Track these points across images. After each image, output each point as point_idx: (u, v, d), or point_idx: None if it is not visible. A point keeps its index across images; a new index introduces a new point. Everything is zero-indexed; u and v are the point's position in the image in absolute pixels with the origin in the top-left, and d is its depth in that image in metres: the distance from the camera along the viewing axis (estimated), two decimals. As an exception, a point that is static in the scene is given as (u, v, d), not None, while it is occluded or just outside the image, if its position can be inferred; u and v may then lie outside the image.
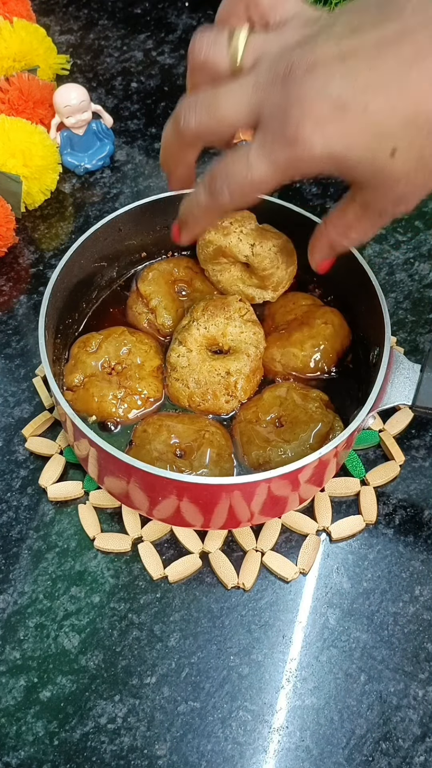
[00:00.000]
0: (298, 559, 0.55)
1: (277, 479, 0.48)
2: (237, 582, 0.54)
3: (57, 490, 0.58)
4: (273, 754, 0.48)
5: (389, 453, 0.60)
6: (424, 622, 0.53)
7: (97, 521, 0.57)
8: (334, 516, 0.57)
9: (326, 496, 0.58)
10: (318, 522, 0.57)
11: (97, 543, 0.55)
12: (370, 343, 0.58)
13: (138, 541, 0.56)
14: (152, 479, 0.48)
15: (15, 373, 0.65)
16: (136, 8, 0.99)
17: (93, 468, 0.55)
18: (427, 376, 0.53)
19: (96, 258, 0.62)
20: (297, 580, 0.55)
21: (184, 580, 0.54)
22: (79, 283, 0.61)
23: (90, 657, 0.51)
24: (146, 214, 0.63)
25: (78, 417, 0.50)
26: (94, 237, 0.60)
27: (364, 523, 0.57)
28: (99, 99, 0.88)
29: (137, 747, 0.48)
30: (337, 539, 0.56)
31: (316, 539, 0.56)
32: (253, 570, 0.54)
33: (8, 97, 0.77)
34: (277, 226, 0.63)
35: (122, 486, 0.53)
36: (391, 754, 0.48)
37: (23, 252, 0.74)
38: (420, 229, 0.76)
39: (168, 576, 0.54)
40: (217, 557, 0.55)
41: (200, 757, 0.48)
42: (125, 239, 0.64)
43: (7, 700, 0.50)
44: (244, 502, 0.51)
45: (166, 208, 0.62)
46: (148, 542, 0.56)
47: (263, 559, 0.55)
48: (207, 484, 0.48)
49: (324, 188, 0.79)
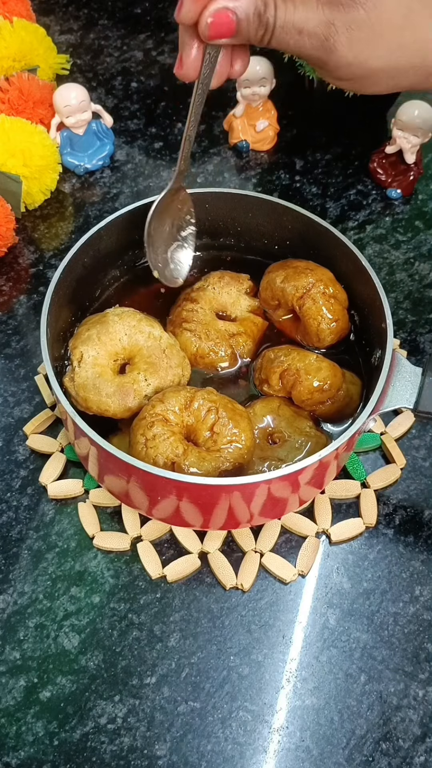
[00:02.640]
0: (297, 561, 0.55)
1: (278, 480, 0.48)
2: (235, 583, 0.54)
3: (57, 488, 0.58)
4: (273, 755, 0.48)
5: (390, 456, 0.60)
6: (424, 622, 0.53)
7: (97, 520, 0.57)
8: (333, 518, 0.57)
9: (326, 498, 0.58)
10: (318, 524, 0.57)
11: (97, 541, 0.55)
12: (373, 345, 0.58)
13: (137, 540, 0.56)
14: (152, 479, 0.48)
15: (15, 373, 0.65)
16: (136, 8, 0.99)
17: (93, 466, 0.55)
18: (429, 380, 0.53)
19: (99, 256, 0.62)
20: (296, 581, 0.55)
21: (183, 580, 0.54)
22: (82, 280, 0.61)
23: (90, 657, 0.51)
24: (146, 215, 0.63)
25: (78, 415, 0.50)
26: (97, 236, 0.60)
27: (363, 525, 0.57)
28: (99, 99, 0.88)
29: (137, 747, 0.48)
30: (337, 541, 0.56)
31: (316, 541, 0.56)
32: (251, 571, 0.54)
33: (8, 97, 0.77)
34: (278, 226, 0.63)
35: (122, 485, 0.53)
36: (391, 754, 0.48)
37: (23, 252, 0.74)
38: (420, 229, 0.76)
39: (167, 575, 0.54)
40: (216, 558, 0.55)
41: (200, 758, 0.48)
42: (125, 239, 0.64)
43: (7, 701, 0.50)
44: (243, 503, 0.51)
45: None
46: (147, 542, 0.56)
47: (262, 561, 0.55)
48: (207, 484, 0.48)
49: (324, 188, 0.79)
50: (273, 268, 0.63)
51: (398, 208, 0.77)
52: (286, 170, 0.81)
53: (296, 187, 0.79)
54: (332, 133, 0.84)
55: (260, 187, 0.79)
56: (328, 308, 0.59)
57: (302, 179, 0.80)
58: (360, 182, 0.80)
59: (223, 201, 0.65)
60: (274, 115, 0.81)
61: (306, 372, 0.56)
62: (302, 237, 0.63)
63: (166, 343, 0.57)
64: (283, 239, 0.65)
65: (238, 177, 0.80)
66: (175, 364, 0.57)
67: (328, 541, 0.56)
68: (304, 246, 0.64)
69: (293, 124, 0.84)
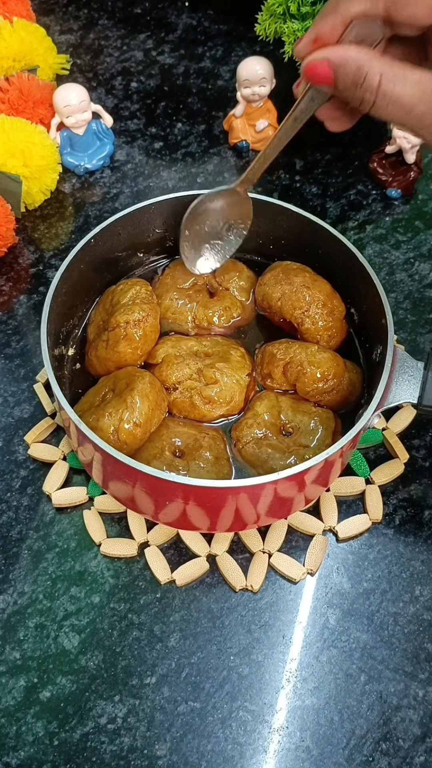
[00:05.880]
0: (306, 560, 0.55)
1: (284, 481, 0.48)
2: (245, 584, 0.54)
3: (61, 496, 0.57)
4: (273, 755, 0.48)
5: (393, 451, 0.60)
6: (424, 622, 0.53)
7: (103, 527, 0.56)
8: (339, 515, 0.57)
9: (332, 496, 0.58)
10: (324, 522, 0.56)
11: (104, 548, 0.55)
12: (373, 341, 0.58)
13: (144, 545, 0.55)
14: (158, 483, 0.48)
15: (15, 373, 0.65)
16: (136, 8, 0.98)
17: (97, 473, 0.55)
18: (431, 374, 0.53)
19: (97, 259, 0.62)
20: (300, 580, 0.55)
21: (192, 584, 0.54)
22: (79, 285, 0.61)
23: (90, 657, 0.51)
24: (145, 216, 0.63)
25: (82, 421, 0.50)
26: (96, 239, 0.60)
27: (370, 521, 0.57)
28: (99, 99, 0.88)
29: (137, 747, 0.48)
30: (344, 539, 0.56)
31: (324, 539, 0.56)
32: (261, 572, 0.54)
33: (8, 97, 0.77)
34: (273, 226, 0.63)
35: (127, 490, 0.52)
36: (392, 754, 0.48)
37: (23, 252, 0.74)
38: (420, 229, 0.76)
39: (176, 580, 0.54)
40: (225, 560, 0.55)
41: (200, 758, 0.48)
42: (126, 241, 0.64)
43: (7, 701, 0.50)
44: (250, 504, 0.51)
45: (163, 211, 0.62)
46: (154, 546, 0.55)
47: (270, 561, 0.55)
48: (213, 487, 0.48)
49: (324, 188, 0.79)
50: (268, 281, 0.62)
51: (398, 208, 0.77)
52: (286, 170, 0.81)
53: (296, 187, 0.79)
54: (332, 133, 0.84)
55: (260, 186, 0.79)
56: (326, 326, 0.59)
57: (302, 179, 0.80)
58: (360, 182, 0.80)
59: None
60: (274, 115, 0.81)
61: (309, 363, 0.56)
62: (298, 237, 0.63)
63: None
64: (278, 239, 0.65)
65: (238, 177, 0.80)
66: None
67: (335, 538, 0.56)
68: (300, 245, 0.64)
69: (293, 124, 0.84)
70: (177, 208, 0.61)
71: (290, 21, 0.71)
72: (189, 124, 0.85)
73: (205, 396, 0.56)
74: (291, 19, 0.71)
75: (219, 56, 0.92)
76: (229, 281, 0.64)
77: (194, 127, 0.85)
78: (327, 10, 0.43)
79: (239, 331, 0.63)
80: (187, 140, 0.84)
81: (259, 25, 0.74)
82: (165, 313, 0.62)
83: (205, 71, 0.91)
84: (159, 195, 0.63)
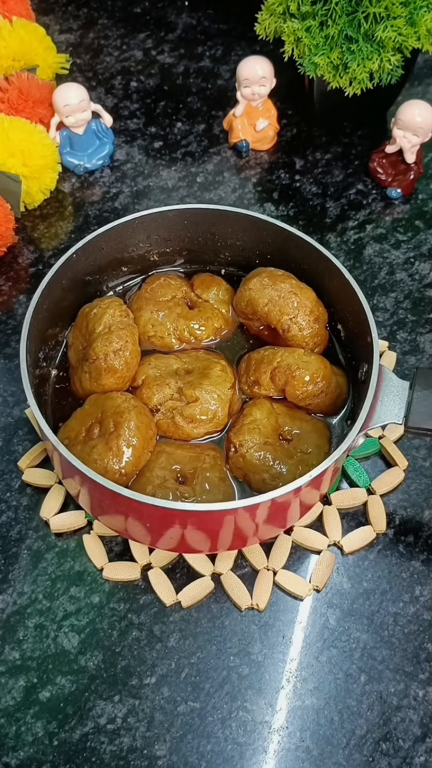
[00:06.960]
0: (312, 576, 0.54)
1: (279, 498, 0.47)
2: (251, 603, 0.53)
3: (60, 521, 0.56)
4: (273, 755, 0.48)
5: (391, 459, 0.60)
6: (425, 622, 0.53)
7: (104, 551, 0.55)
8: (343, 528, 0.56)
9: (334, 509, 0.57)
10: (329, 537, 0.56)
11: (106, 573, 0.54)
12: (358, 359, 0.58)
13: (147, 567, 0.54)
14: (166, 513, 0.47)
15: (15, 373, 0.65)
16: (136, 7, 0.98)
17: (86, 503, 0.54)
18: (417, 395, 0.52)
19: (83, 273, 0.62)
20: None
21: (198, 604, 0.53)
22: (56, 308, 0.60)
23: (89, 657, 0.51)
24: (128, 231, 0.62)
25: (69, 452, 0.48)
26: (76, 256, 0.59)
27: (374, 533, 0.56)
28: (98, 98, 0.88)
29: (137, 747, 0.48)
30: (349, 552, 0.56)
31: (331, 556, 0.55)
32: (266, 590, 0.53)
33: (8, 97, 0.77)
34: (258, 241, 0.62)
35: (120, 522, 0.52)
36: (392, 754, 0.48)
37: (23, 251, 0.73)
38: (420, 229, 0.76)
39: (181, 602, 0.53)
40: (229, 579, 0.54)
41: (200, 758, 0.48)
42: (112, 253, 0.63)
43: (6, 701, 0.50)
44: (249, 520, 0.50)
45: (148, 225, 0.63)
46: (157, 568, 0.54)
47: (276, 579, 0.54)
48: (206, 510, 0.47)
49: (324, 187, 0.79)
50: (254, 286, 0.60)
51: (398, 207, 0.77)
52: (286, 170, 0.81)
53: (296, 187, 0.79)
54: (332, 133, 0.84)
55: (260, 186, 0.79)
56: (312, 333, 0.59)
57: (302, 179, 0.80)
58: (360, 182, 0.80)
59: (202, 217, 0.64)
60: (274, 115, 0.81)
61: (297, 367, 0.56)
62: (283, 252, 0.63)
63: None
64: (264, 253, 0.64)
65: (237, 176, 0.80)
66: None
67: (340, 553, 0.56)
68: (285, 260, 0.63)
69: (293, 124, 0.84)
70: (161, 222, 0.62)
71: (290, 20, 0.71)
72: (189, 124, 0.85)
73: (187, 415, 0.56)
74: (291, 19, 0.71)
75: (219, 56, 0.92)
76: (208, 294, 0.63)
77: (194, 126, 0.85)
78: None
79: (220, 342, 0.63)
80: (186, 140, 0.84)
81: (259, 24, 0.74)
82: (145, 326, 0.61)
83: (205, 71, 0.91)
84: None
